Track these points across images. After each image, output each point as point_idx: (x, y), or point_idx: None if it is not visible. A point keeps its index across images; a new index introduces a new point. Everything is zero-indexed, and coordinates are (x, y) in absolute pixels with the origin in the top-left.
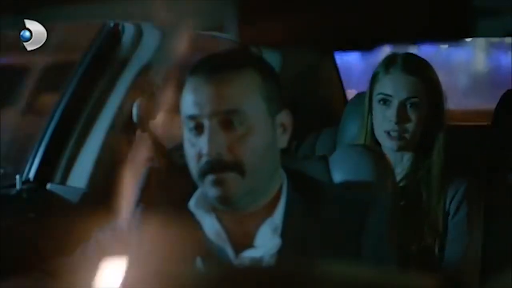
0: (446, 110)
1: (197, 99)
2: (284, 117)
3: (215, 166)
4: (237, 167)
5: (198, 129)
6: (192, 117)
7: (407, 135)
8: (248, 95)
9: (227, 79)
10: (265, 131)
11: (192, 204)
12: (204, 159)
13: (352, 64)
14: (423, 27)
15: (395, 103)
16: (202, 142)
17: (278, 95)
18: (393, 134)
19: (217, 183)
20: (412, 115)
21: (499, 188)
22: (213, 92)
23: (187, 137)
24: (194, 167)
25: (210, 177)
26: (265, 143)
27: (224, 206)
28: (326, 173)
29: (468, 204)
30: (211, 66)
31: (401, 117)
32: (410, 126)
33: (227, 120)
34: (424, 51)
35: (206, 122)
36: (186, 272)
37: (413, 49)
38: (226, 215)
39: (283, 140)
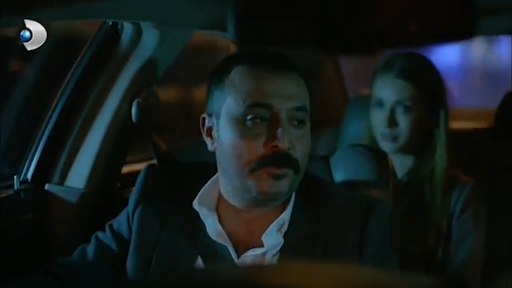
0: (447, 112)
1: (266, 89)
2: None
3: (281, 159)
4: (296, 165)
5: (268, 118)
6: (260, 105)
7: (400, 138)
8: (307, 97)
9: (293, 77)
10: (309, 135)
11: (195, 203)
12: (270, 149)
13: (354, 64)
14: (425, 28)
15: (387, 107)
16: (279, 132)
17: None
18: (387, 136)
19: (275, 176)
20: (404, 119)
21: (503, 188)
22: (284, 86)
23: (242, 123)
24: (245, 155)
25: (268, 169)
26: (309, 146)
27: (263, 200)
28: (327, 173)
29: (473, 205)
30: (274, 61)
31: (392, 121)
32: (402, 129)
33: (293, 116)
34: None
35: (280, 114)
36: (187, 271)
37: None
38: (230, 215)
39: None
